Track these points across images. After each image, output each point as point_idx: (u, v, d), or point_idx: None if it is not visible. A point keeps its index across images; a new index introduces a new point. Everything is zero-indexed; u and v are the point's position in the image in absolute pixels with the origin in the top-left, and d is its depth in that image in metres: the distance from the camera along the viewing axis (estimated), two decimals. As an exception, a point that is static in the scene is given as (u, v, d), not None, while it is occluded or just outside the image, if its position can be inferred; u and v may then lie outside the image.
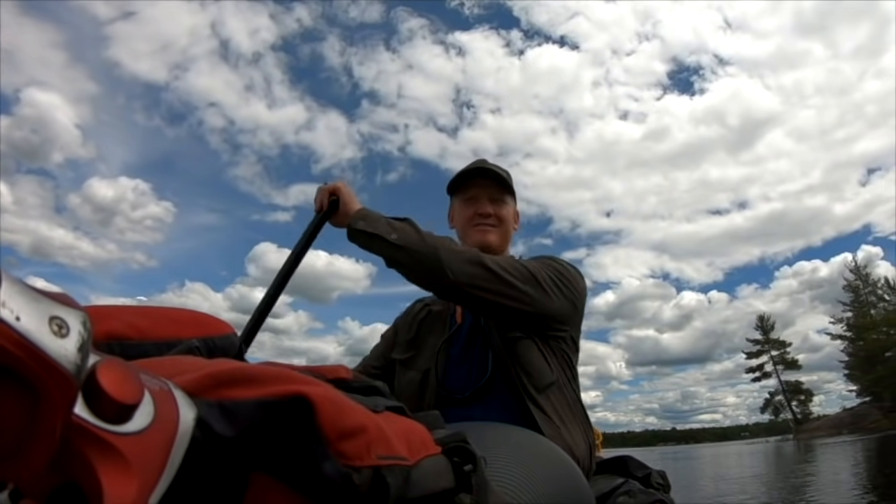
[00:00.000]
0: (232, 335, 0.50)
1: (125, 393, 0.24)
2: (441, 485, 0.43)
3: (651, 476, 1.14)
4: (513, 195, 1.34)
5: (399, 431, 0.40)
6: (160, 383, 0.28)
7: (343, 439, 0.33)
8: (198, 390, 0.30)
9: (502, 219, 1.30)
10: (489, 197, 1.30)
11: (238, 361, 0.42)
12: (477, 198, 1.30)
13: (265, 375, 0.32)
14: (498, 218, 1.30)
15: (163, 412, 0.27)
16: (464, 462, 0.46)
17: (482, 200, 1.30)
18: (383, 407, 0.42)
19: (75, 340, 0.23)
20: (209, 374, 0.32)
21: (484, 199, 1.30)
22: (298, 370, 0.38)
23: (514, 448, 0.78)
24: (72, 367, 0.22)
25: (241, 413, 0.30)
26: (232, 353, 0.49)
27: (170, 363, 0.35)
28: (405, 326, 1.34)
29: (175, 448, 0.27)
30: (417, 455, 0.40)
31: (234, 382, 0.32)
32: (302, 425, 0.32)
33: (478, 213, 1.29)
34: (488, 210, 1.29)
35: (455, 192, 1.36)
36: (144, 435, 0.25)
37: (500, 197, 1.31)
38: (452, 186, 1.35)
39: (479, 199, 1.30)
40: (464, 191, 1.33)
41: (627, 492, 1.03)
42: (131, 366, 0.26)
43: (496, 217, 1.29)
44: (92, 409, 0.24)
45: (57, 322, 0.23)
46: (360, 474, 0.34)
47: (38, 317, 0.22)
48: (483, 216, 1.29)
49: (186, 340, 0.45)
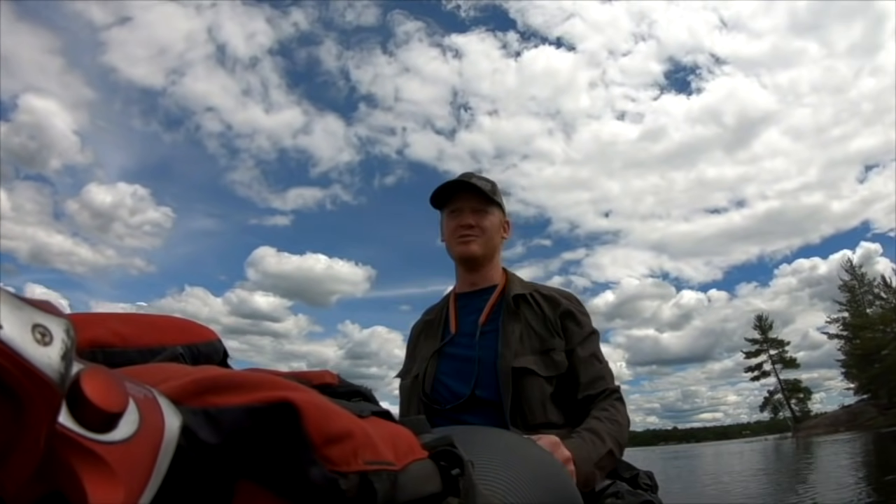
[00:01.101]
0: (216, 342, 0.50)
1: (110, 401, 0.24)
2: (428, 489, 0.43)
3: (638, 477, 1.15)
4: (498, 205, 1.37)
5: (385, 436, 0.40)
6: (145, 391, 0.28)
7: (329, 445, 0.33)
8: (182, 398, 0.30)
9: (485, 229, 1.33)
10: (471, 208, 1.33)
11: (222, 368, 0.42)
12: (460, 210, 1.33)
13: (250, 382, 0.32)
14: (480, 228, 1.32)
15: (148, 420, 0.26)
16: (451, 466, 0.46)
17: (465, 213, 1.33)
18: (369, 412, 0.42)
19: (59, 348, 0.23)
20: (194, 381, 0.31)
21: (466, 211, 1.33)
22: (283, 376, 0.38)
23: (501, 451, 0.78)
24: (55, 375, 0.22)
25: (227, 420, 0.30)
26: (216, 360, 0.49)
27: (154, 370, 0.35)
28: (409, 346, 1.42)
29: (160, 456, 0.27)
30: (404, 460, 0.40)
31: (218, 389, 0.31)
32: (288, 431, 0.32)
33: (460, 224, 1.32)
34: (469, 221, 1.32)
35: (441, 206, 1.39)
36: (130, 443, 0.25)
37: (482, 208, 1.33)
38: (436, 201, 1.38)
39: (462, 211, 1.33)
40: (448, 204, 1.36)
41: (615, 493, 1.04)
42: (116, 374, 0.26)
43: (479, 228, 1.32)
44: (76, 417, 0.23)
45: (40, 330, 0.23)
46: (346, 480, 0.33)
47: (21, 325, 0.22)
48: (465, 227, 1.32)
49: (170, 347, 0.45)
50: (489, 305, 1.30)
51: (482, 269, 1.35)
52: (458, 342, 1.26)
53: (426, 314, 1.43)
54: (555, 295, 1.29)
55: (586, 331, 1.25)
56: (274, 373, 0.39)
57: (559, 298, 1.29)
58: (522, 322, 1.23)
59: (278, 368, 0.44)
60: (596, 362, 1.21)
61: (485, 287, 1.35)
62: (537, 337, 1.21)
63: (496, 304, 1.30)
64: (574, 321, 1.25)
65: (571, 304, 1.28)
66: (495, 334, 1.23)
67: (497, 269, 1.38)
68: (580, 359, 1.20)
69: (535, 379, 1.14)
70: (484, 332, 1.25)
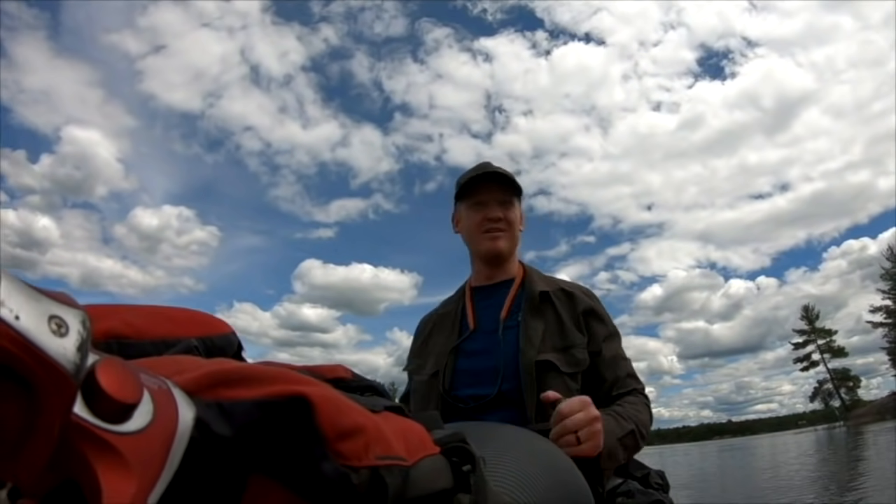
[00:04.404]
0: (230, 334, 0.50)
1: (124, 392, 0.24)
2: (439, 485, 0.43)
3: (650, 476, 1.14)
4: (519, 196, 1.33)
5: (398, 431, 0.40)
6: (159, 382, 0.28)
7: (341, 439, 0.33)
8: (196, 390, 0.30)
9: (511, 222, 1.29)
10: (497, 200, 1.28)
11: (237, 361, 0.42)
12: (485, 203, 1.28)
13: (264, 375, 0.32)
14: (507, 222, 1.28)
15: (162, 412, 0.27)
16: (462, 462, 0.46)
17: (491, 205, 1.27)
18: (382, 407, 0.42)
19: (74, 339, 0.23)
20: (208, 374, 0.32)
21: (492, 203, 1.27)
22: (297, 370, 0.38)
23: (513, 447, 0.78)
24: (71, 366, 0.22)
25: (240, 413, 0.30)
26: (230, 353, 0.49)
27: (169, 362, 0.35)
28: (418, 339, 1.36)
29: (174, 448, 0.27)
30: (416, 455, 0.40)
31: (232, 382, 0.32)
32: (300, 425, 0.32)
33: (487, 217, 1.27)
34: (498, 214, 1.27)
35: (461, 196, 1.33)
36: (143, 434, 0.25)
37: (507, 199, 1.29)
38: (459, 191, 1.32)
39: (487, 203, 1.28)
40: (471, 195, 1.30)
41: (626, 492, 1.03)
42: (130, 365, 0.26)
43: (506, 221, 1.28)
44: (91, 408, 0.23)
45: (56, 321, 0.23)
46: (358, 474, 0.33)
47: (38, 316, 0.22)
48: (493, 220, 1.27)
49: (185, 340, 0.45)
50: (509, 299, 1.26)
51: (505, 263, 1.32)
52: (477, 338, 1.24)
53: (442, 307, 1.39)
54: (576, 292, 1.26)
55: (610, 329, 1.23)
56: (287, 367, 0.39)
57: (581, 296, 1.26)
58: (544, 318, 1.20)
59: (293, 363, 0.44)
60: (622, 361, 1.20)
61: (502, 280, 1.32)
62: (559, 334, 1.18)
63: (515, 297, 1.27)
64: (598, 319, 1.22)
65: (593, 302, 1.25)
66: (516, 329, 1.20)
67: (515, 262, 1.35)
68: (607, 358, 1.18)
69: (559, 375, 1.12)
70: (506, 328, 1.21)
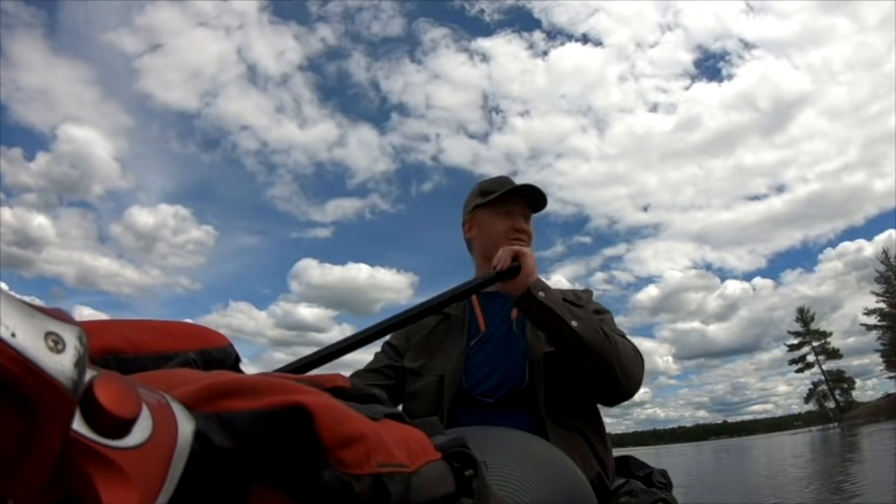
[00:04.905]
0: (228, 347, 0.50)
1: (123, 407, 0.24)
2: (442, 491, 0.43)
3: (653, 475, 1.14)
4: None
5: (398, 438, 0.40)
6: (158, 397, 0.28)
7: (342, 448, 0.33)
8: (196, 403, 0.30)
9: (531, 236, 1.35)
10: (524, 214, 1.34)
11: (235, 373, 0.42)
12: (514, 213, 1.34)
13: (263, 386, 0.32)
14: (528, 235, 1.34)
15: (161, 426, 0.27)
16: (464, 467, 0.46)
17: (518, 216, 1.33)
18: (382, 414, 0.42)
19: (71, 356, 0.23)
20: (206, 387, 0.32)
21: (519, 215, 1.34)
22: (295, 380, 0.38)
23: (515, 451, 0.78)
24: (68, 382, 0.22)
25: (240, 424, 0.30)
26: (228, 365, 0.49)
27: (167, 376, 0.35)
28: (418, 333, 1.34)
29: (174, 461, 0.27)
30: (418, 461, 0.40)
31: (231, 394, 0.32)
32: (301, 435, 0.32)
33: (515, 227, 1.32)
34: (524, 226, 1.33)
35: (487, 203, 1.36)
36: (143, 449, 0.25)
37: (530, 214, 1.37)
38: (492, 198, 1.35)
39: (515, 214, 1.33)
40: (499, 204, 1.35)
41: (629, 492, 1.03)
42: (128, 380, 0.26)
43: (527, 234, 1.34)
44: (90, 424, 0.23)
45: (53, 338, 0.23)
46: (360, 482, 0.33)
47: (34, 333, 0.22)
48: (519, 231, 1.32)
49: (183, 353, 0.45)
50: None
51: None
52: (489, 339, 1.25)
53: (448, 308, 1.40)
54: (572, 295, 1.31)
55: (608, 316, 1.29)
56: (286, 377, 0.39)
57: (579, 294, 1.33)
58: None
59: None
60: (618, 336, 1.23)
61: None
62: None
63: None
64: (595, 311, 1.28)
65: (588, 298, 1.32)
66: (524, 328, 1.23)
67: None
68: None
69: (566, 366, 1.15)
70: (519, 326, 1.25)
